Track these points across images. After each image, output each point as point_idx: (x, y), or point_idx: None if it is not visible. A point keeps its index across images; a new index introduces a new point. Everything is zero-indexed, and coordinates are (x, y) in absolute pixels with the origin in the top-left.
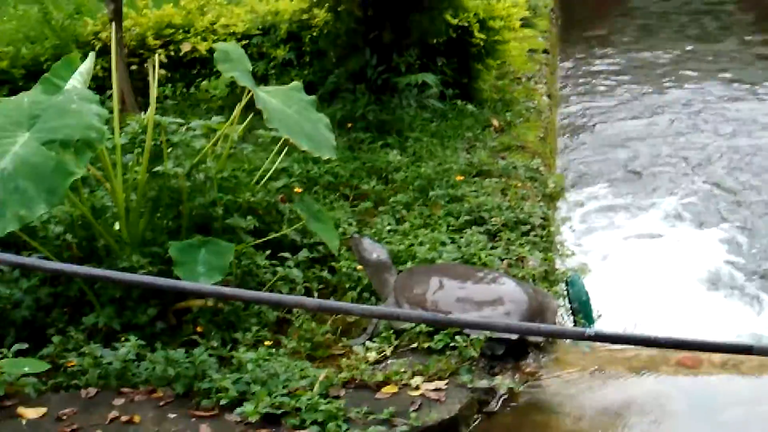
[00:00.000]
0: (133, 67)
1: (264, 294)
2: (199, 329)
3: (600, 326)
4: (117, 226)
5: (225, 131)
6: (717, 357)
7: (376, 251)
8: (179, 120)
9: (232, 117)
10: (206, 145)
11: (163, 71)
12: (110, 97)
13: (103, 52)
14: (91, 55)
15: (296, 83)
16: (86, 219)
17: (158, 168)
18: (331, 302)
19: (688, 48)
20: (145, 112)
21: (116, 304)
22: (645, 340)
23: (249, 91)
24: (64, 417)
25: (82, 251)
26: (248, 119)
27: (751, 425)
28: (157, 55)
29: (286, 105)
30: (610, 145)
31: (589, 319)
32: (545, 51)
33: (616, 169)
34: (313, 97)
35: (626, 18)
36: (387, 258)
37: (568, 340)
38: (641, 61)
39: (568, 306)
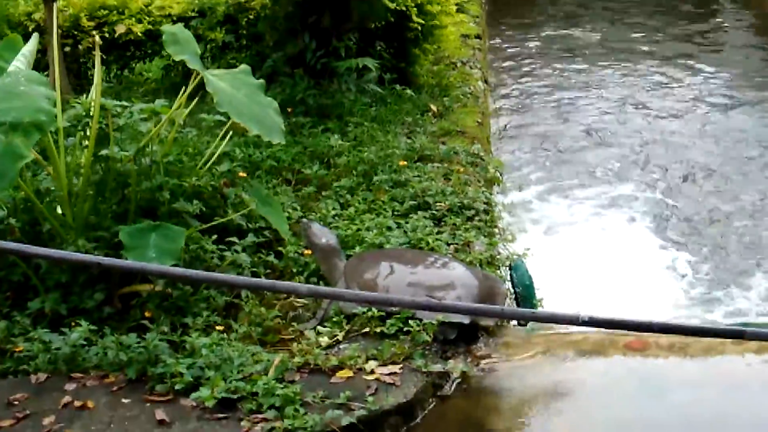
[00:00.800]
0: (66, 49)
1: (261, 280)
2: (147, 314)
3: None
4: (60, 210)
5: (170, 115)
6: (664, 340)
7: (325, 236)
8: (124, 103)
9: (178, 101)
10: (152, 129)
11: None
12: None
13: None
14: (35, 36)
15: (244, 66)
16: (29, 203)
17: (104, 151)
18: (323, 288)
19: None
20: (82, 95)
21: (62, 289)
22: (639, 325)
23: (195, 75)
24: (16, 402)
25: (26, 236)
26: (193, 103)
27: (700, 406)
28: (97, 37)
29: (235, 89)
30: (544, 129)
31: (532, 304)
32: (477, 36)
33: (551, 152)
34: (261, 81)
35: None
36: (336, 243)
37: (514, 324)
38: (567, 44)
39: (512, 290)
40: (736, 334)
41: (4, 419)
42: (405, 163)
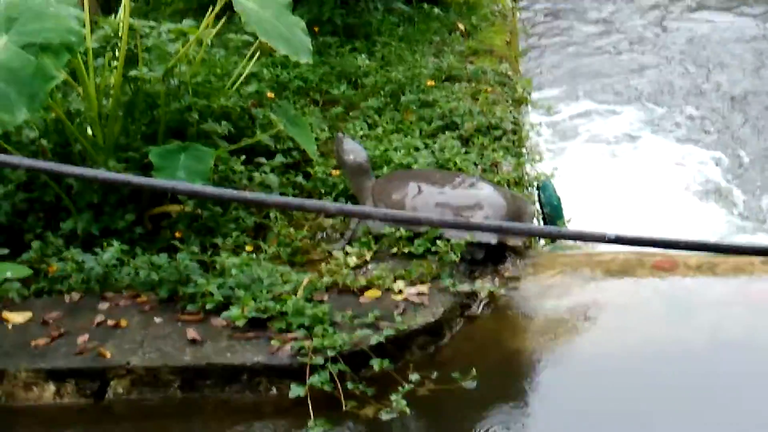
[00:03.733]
0: None
1: (289, 198)
2: (177, 235)
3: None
4: (90, 131)
5: (198, 35)
6: (693, 260)
7: (355, 153)
8: (152, 23)
9: (205, 21)
10: (180, 50)
11: None
12: None
13: None
14: None
15: None
16: (60, 124)
17: (133, 72)
18: (351, 206)
19: None
20: (111, 15)
21: (93, 210)
22: (666, 243)
23: None
24: (50, 321)
25: (57, 156)
26: (220, 23)
27: (726, 324)
28: None
29: (262, 8)
30: (574, 48)
31: (561, 224)
32: None
33: (580, 73)
34: (288, 0)
35: None
36: (366, 162)
37: (542, 245)
38: None
39: (540, 211)
40: (763, 251)
41: (39, 338)
42: (432, 83)
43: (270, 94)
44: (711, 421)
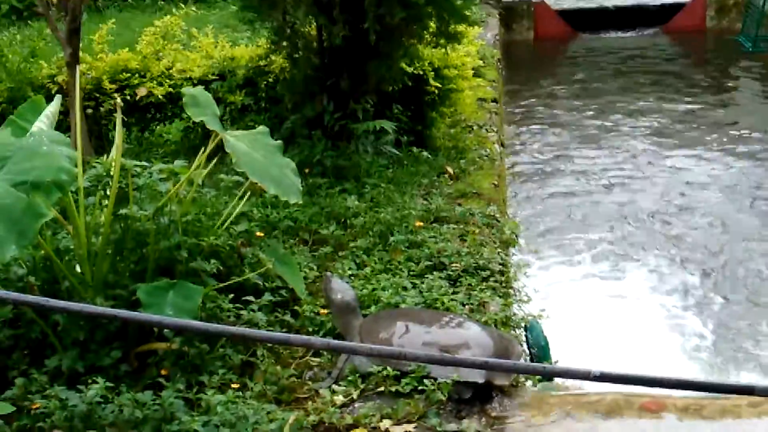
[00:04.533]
0: (88, 111)
1: (274, 333)
2: (163, 372)
3: None
4: (78, 269)
5: (189, 175)
6: (680, 402)
7: (343, 293)
8: (144, 163)
9: (197, 161)
10: (171, 189)
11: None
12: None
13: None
14: (58, 98)
15: (262, 128)
16: (48, 261)
17: (124, 211)
18: (336, 342)
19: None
20: (103, 156)
21: (79, 347)
22: (652, 381)
23: (214, 136)
24: None
25: (45, 293)
26: (212, 163)
27: None
28: (119, 99)
29: (253, 149)
30: (558, 192)
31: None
32: (494, 100)
33: (565, 216)
34: (279, 142)
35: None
36: (354, 301)
37: (529, 384)
38: (582, 111)
39: (528, 351)
40: (746, 390)
41: None
42: (421, 224)
43: (259, 234)
44: None
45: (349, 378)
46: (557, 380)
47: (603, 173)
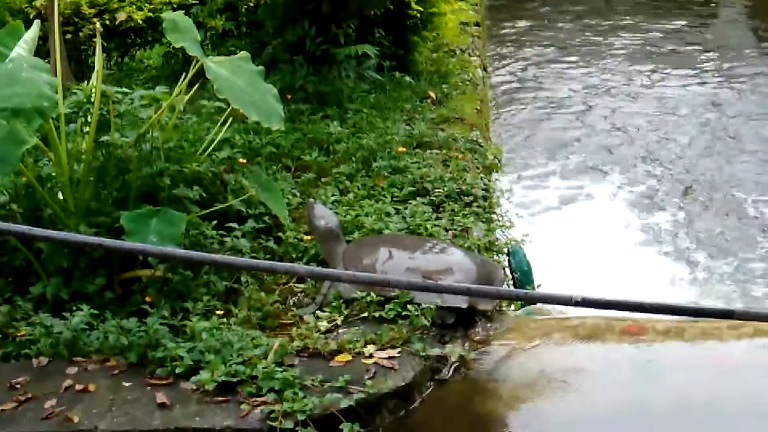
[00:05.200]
0: (67, 36)
1: (258, 261)
2: (148, 299)
3: None
4: (61, 196)
5: (171, 102)
6: (661, 325)
7: (326, 219)
8: (125, 90)
9: (179, 87)
10: (153, 115)
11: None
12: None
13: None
14: (36, 23)
15: (244, 53)
16: (31, 188)
17: (105, 137)
18: (320, 269)
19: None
20: (83, 82)
21: (63, 275)
22: (633, 306)
23: (195, 62)
24: (18, 386)
25: (27, 221)
26: (193, 90)
27: (694, 389)
28: (98, 24)
29: (234, 75)
30: (541, 115)
31: (531, 289)
32: (477, 24)
33: (548, 139)
34: (260, 67)
35: None
36: (337, 227)
37: (512, 310)
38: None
39: (510, 276)
40: (726, 314)
41: (5, 402)
42: (404, 149)
43: (242, 160)
44: None
45: (333, 304)
46: (539, 305)
47: (587, 91)
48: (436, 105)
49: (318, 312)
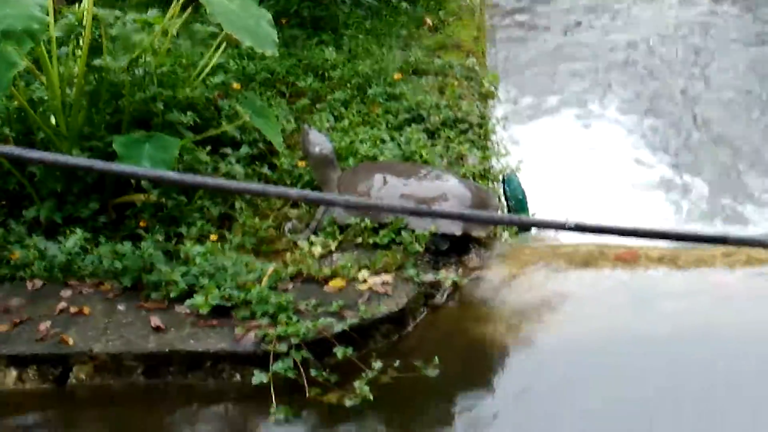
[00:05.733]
0: None
1: (251, 184)
2: (142, 224)
3: None
4: (53, 120)
5: (164, 26)
6: (654, 252)
7: (321, 145)
8: (117, 13)
9: (171, 11)
10: (145, 40)
11: None
12: None
13: None
14: None
15: None
16: (23, 112)
17: (97, 61)
18: (313, 193)
19: None
20: (75, 4)
21: (56, 198)
22: (627, 231)
23: None
24: (12, 308)
25: (20, 145)
26: (186, 13)
27: (687, 315)
28: None
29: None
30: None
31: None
32: None
33: (547, 66)
34: None
35: None
36: (331, 153)
37: (506, 235)
38: None
39: (505, 204)
40: (719, 239)
41: (0, 324)
42: (399, 76)
43: (236, 86)
44: (673, 409)
45: (328, 230)
46: (534, 232)
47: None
48: (432, 32)
49: (312, 237)
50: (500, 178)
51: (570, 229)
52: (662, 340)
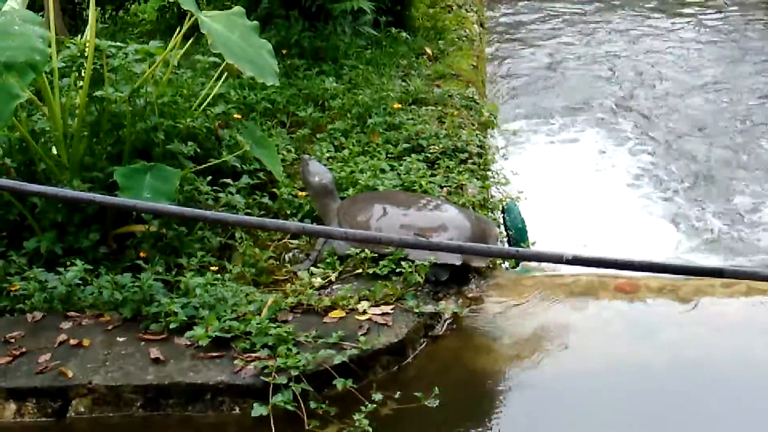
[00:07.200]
0: None
1: (250, 218)
2: (142, 254)
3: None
4: (55, 151)
5: (165, 56)
6: (654, 282)
7: (321, 176)
8: (118, 44)
9: (172, 42)
10: (147, 70)
11: None
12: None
13: None
14: None
15: (238, 8)
16: (24, 143)
17: (99, 92)
18: (311, 225)
19: None
20: (77, 36)
21: (57, 229)
22: (624, 264)
23: (189, 16)
24: (12, 340)
25: (21, 176)
26: (187, 44)
27: (686, 345)
28: None
29: (229, 30)
30: (539, 72)
31: (525, 246)
32: None
33: (546, 97)
34: (255, 22)
35: None
36: (331, 184)
37: (506, 265)
38: None
39: (505, 233)
40: (716, 273)
41: (0, 356)
42: (399, 106)
43: (237, 116)
44: None
45: (327, 260)
46: (533, 262)
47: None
48: (432, 61)
49: (312, 268)
50: (500, 207)
51: (568, 262)
52: (660, 370)
